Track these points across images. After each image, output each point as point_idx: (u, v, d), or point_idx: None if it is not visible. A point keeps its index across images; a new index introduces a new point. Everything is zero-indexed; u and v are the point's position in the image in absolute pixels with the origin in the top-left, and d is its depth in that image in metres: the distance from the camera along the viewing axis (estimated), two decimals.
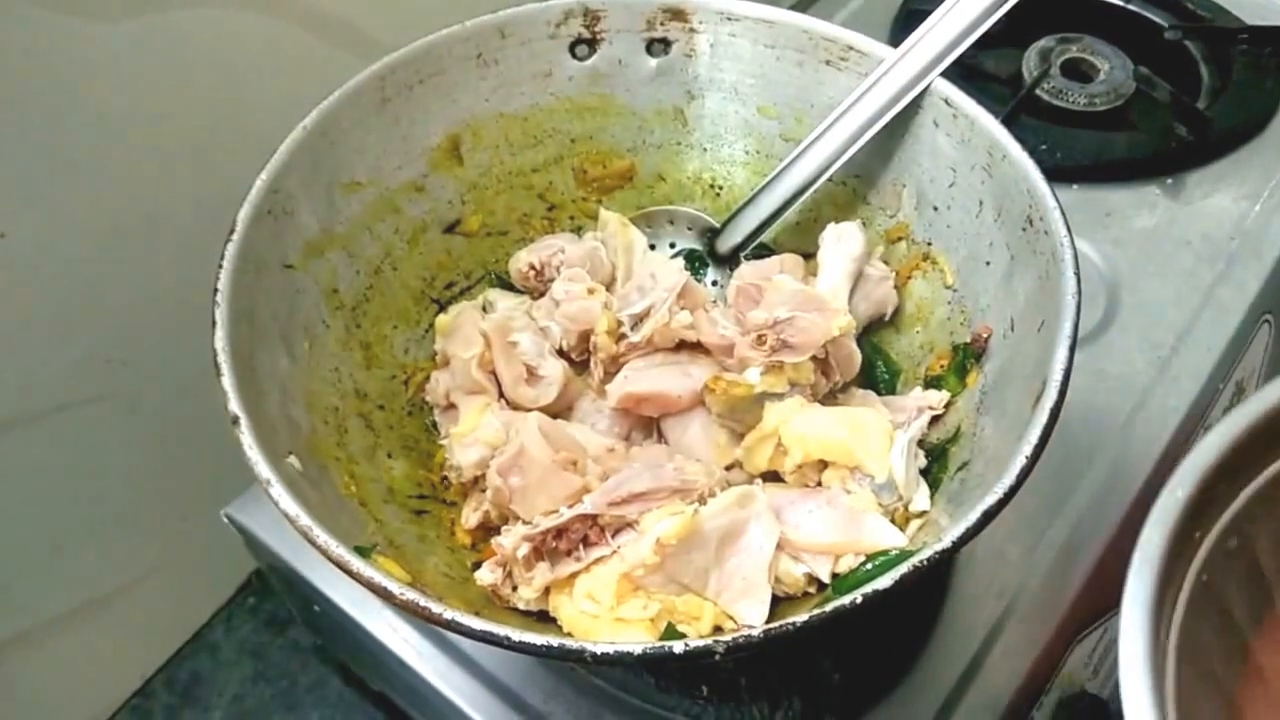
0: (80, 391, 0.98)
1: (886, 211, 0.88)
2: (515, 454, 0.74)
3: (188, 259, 0.78)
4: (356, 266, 0.83)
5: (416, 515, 0.77)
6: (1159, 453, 0.93)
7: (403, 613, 0.57)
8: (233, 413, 0.63)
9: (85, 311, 0.95)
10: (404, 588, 0.57)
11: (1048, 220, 0.70)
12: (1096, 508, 0.89)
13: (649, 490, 0.70)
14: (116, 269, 0.96)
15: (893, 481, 0.72)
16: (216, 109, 0.97)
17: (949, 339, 0.80)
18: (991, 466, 0.64)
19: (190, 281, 0.72)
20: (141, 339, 1.00)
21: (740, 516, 0.69)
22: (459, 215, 0.90)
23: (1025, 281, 0.72)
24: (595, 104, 0.93)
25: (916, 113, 0.83)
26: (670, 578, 0.67)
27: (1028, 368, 0.67)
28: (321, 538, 0.59)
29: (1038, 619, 0.83)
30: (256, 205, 0.73)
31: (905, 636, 0.82)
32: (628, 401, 0.78)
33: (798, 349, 0.76)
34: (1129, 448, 0.93)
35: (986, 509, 0.57)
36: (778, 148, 0.92)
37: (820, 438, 0.74)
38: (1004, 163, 0.76)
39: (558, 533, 0.69)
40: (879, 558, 0.66)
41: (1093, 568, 0.85)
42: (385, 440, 0.80)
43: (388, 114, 0.84)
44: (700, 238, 0.93)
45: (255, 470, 0.61)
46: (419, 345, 0.86)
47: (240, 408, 0.64)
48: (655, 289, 0.80)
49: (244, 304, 0.70)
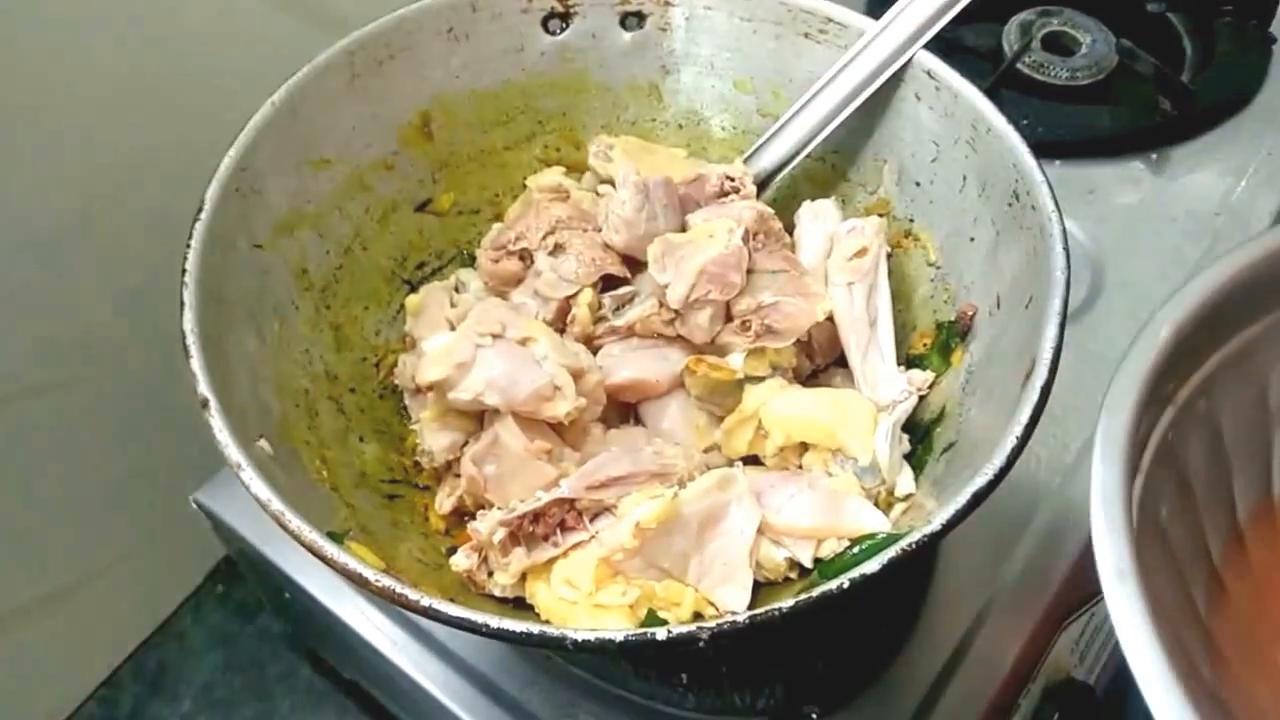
0: (41, 376, 0.97)
1: (866, 188, 0.87)
2: (490, 443, 0.74)
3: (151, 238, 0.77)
4: (326, 246, 0.82)
5: (389, 500, 0.76)
6: None
7: (377, 599, 0.56)
8: (202, 395, 0.62)
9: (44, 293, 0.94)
10: (379, 574, 0.57)
11: (1035, 195, 0.70)
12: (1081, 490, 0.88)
13: (627, 474, 0.70)
14: (76, 249, 0.94)
15: (876, 464, 0.71)
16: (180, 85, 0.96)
17: (932, 317, 0.80)
18: (980, 448, 0.63)
19: (154, 262, 0.72)
20: (103, 321, 0.99)
21: (720, 500, 0.69)
22: (430, 194, 0.89)
23: (1012, 258, 0.72)
24: (568, 80, 0.92)
25: (898, 86, 0.82)
26: (650, 562, 0.67)
27: (1015, 346, 0.67)
28: (294, 522, 0.58)
29: (1023, 605, 0.82)
30: (225, 183, 0.73)
31: (889, 623, 0.82)
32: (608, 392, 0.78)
33: (781, 334, 0.76)
34: None
35: (976, 491, 0.57)
36: (755, 123, 0.91)
37: (802, 420, 0.73)
38: (988, 136, 0.75)
39: (534, 517, 0.68)
40: (865, 542, 0.66)
41: (1078, 552, 0.85)
42: (357, 424, 0.79)
43: (357, 90, 0.83)
44: None
45: (225, 454, 0.61)
46: (390, 327, 0.85)
47: (210, 390, 0.63)
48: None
49: (213, 284, 0.69)
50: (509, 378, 0.73)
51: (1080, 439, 0.91)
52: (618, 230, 0.80)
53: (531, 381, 0.73)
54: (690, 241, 0.78)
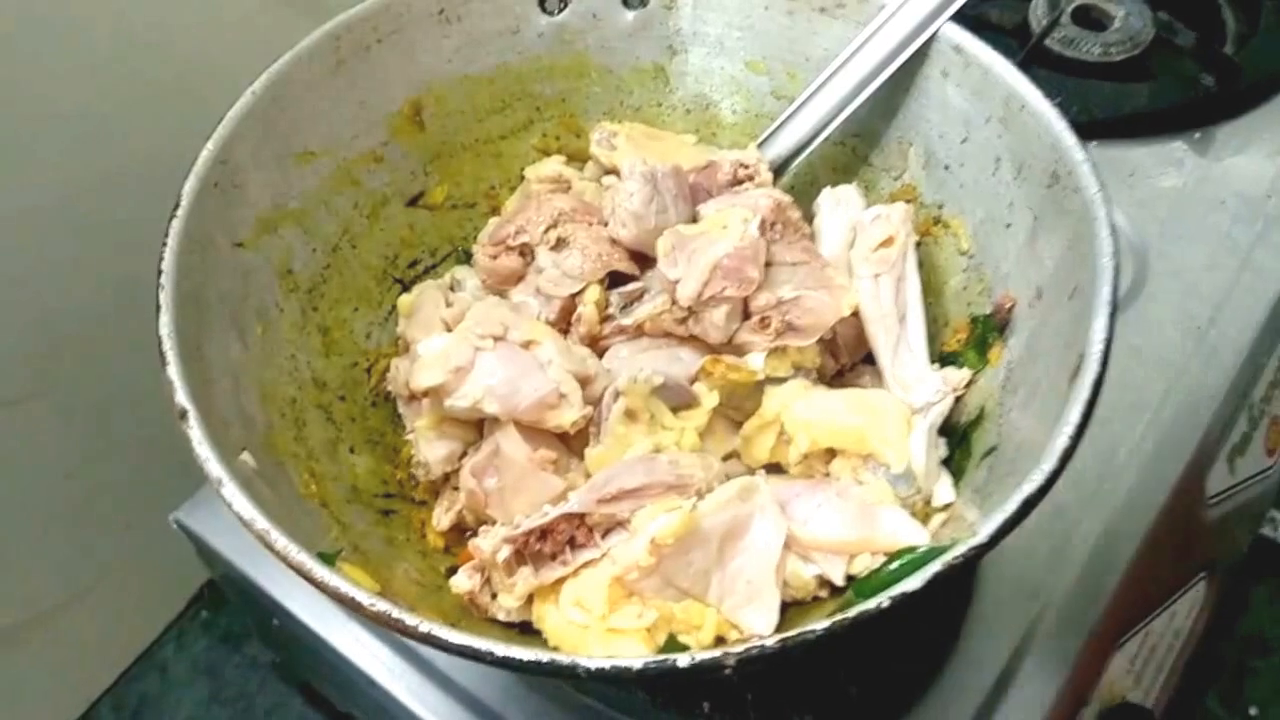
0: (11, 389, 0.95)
1: (891, 173, 0.85)
2: (491, 454, 0.72)
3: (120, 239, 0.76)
4: (313, 244, 0.80)
5: (383, 516, 0.75)
6: (1199, 436, 0.90)
7: (373, 625, 0.54)
8: (180, 405, 0.61)
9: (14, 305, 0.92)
10: (374, 598, 0.55)
11: (1076, 176, 0.68)
12: (1133, 496, 0.86)
13: (641, 486, 0.68)
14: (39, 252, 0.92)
15: (911, 471, 0.69)
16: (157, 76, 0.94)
17: (966, 310, 0.78)
18: (1025, 451, 0.61)
19: (124, 264, 0.70)
20: (71, 331, 0.97)
21: (743, 512, 0.67)
22: (422, 187, 0.88)
23: (1052, 244, 0.70)
24: (568, 63, 0.90)
25: (923, 63, 0.80)
26: (667, 582, 0.65)
27: (1060, 340, 0.65)
28: (280, 542, 0.56)
29: (1074, 623, 0.80)
30: (203, 178, 0.71)
31: (928, 645, 0.79)
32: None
33: (804, 331, 0.74)
34: (1165, 429, 0.90)
35: (1025, 498, 0.54)
36: (769, 106, 0.90)
37: (828, 424, 0.71)
38: (1023, 114, 0.73)
39: (541, 534, 0.66)
40: (904, 556, 0.63)
41: (1131, 564, 0.83)
42: (347, 434, 0.78)
43: (343, 77, 0.81)
44: None
45: (205, 469, 0.59)
46: (382, 329, 0.84)
47: (188, 400, 0.61)
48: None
49: (191, 286, 0.68)
50: (511, 384, 0.71)
51: (1129, 441, 0.89)
52: (625, 224, 0.78)
53: (535, 389, 0.71)
54: (703, 233, 0.76)
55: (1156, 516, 0.85)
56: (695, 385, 0.75)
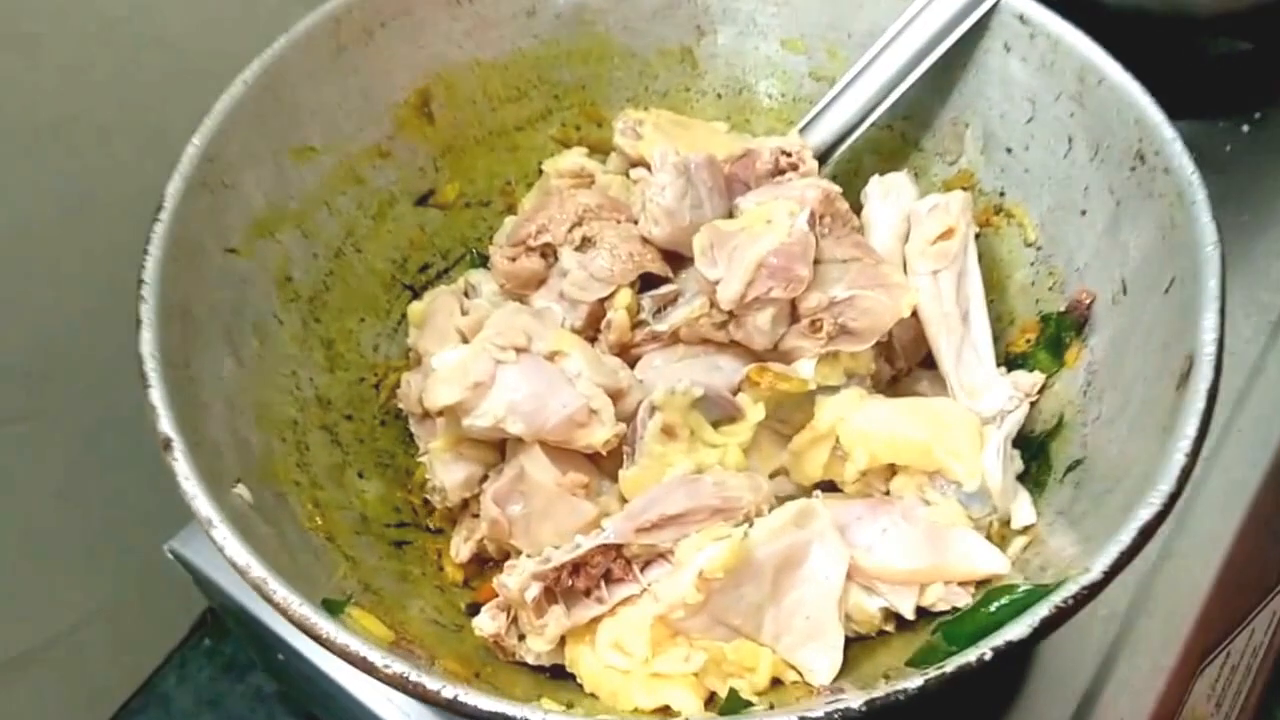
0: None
1: (945, 158, 0.79)
2: (514, 478, 0.66)
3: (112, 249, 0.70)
4: (314, 249, 0.75)
5: (396, 548, 0.69)
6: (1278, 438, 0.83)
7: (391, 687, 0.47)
8: (164, 434, 0.55)
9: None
10: (388, 656, 0.48)
11: (1166, 155, 0.62)
12: (1212, 506, 0.79)
13: (685, 511, 0.62)
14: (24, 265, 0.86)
15: (986, 489, 0.63)
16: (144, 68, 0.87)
17: (1035, 308, 0.72)
18: (1126, 468, 0.55)
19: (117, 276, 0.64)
20: (62, 347, 0.91)
21: (799, 539, 0.61)
22: (432, 184, 0.82)
23: (1139, 232, 0.64)
24: (588, 46, 0.85)
25: (982, 35, 0.74)
26: (716, 619, 0.59)
27: (1156, 338, 0.59)
28: (280, 593, 0.50)
29: (1157, 646, 0.73)
30: (189, 177, 0.65)
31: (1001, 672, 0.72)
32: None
33: (860, 335, 0.68)
34: (1242, 433, 0.83)
35: (1142, 526, 0.47)
36: (807, 89, 0.84)
37: (890, 437, 0.65)
38: (1100, 89, 0.67)
39: (574, 568, 0.61)
40: (1001, 596, 0.55)
41: (1215, 580, 0.75)
42: (355, 457, 0.72)
43: (344, 64, 0.75)
44: None
45: (193, 507, 0.53)
46: (391, 341, 0.78)
47: (174, 428, 0.55)
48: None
49: (177, 298, 0.62)
50: (536, 400, 0.65)
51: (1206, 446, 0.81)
52: (657, 221, 0.71)
53: (563, 405, 0.65)
54: (744, 229, 0.69)
55: (1239, 526, 0.78)
56: (738, 396, 0.68)
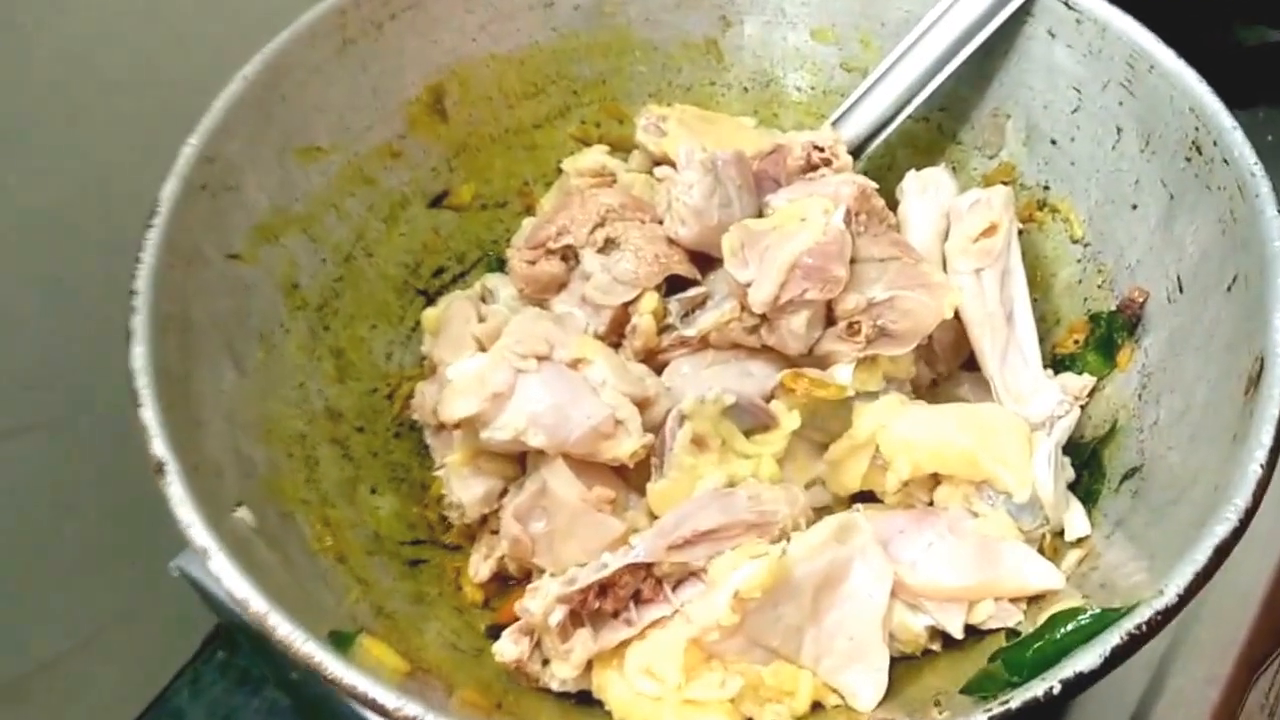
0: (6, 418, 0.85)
1: (985, 151, 0.77)
2: (536, 493, 0.64)
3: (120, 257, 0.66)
4: (321, 254, 0.73)
5: (411, 568, 0.66)
6: None
7: None
8: (156, 457, 0.52)
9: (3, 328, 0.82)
10: (401, 697, 0.45)
11: (1225, 145, 0.59)
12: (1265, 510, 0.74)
13: (718, 527, 0.59)
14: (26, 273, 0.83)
15: (1037, 499, 0.59)
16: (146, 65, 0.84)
17: (1083, 307, 0.69)
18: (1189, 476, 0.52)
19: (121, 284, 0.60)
20: (66, 357, 0.88)
21: (840, 556, 0.58)
22: (446, 185, 0.80)
23: (1196, 227, 0.61)
24: (608, 39, 0.83)
25: (1025, 22, 0.72)
26: (753, 641, 0.56)
27: (1219, 339, 0.56)
28: (284, 628, 0.47)
29: (1211, 656, 0.69)
30: (187, 179, 0.63)
31: None
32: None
33: (901, 338, 0.65)
34: None
35: (1218, 544, 0.43)
36: (838, 81, 0.82)
37: (934, 446, 0.62)
38: (1151, 76, 0.65)
39: (601, 589, 0.57)
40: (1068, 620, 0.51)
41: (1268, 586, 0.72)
42: (367, 472, 0.69)
43: (352, 59, 0.73)
44: None
45: (189, 535, 0.50)
46: (404, 349, 0.76)
47: (168, 448, 0.52)
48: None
49: (174, 307, 0.59)
50: (558, 411, 0.62)
51: None
52: (684, 221, 0.69)
53: (587, 416, 0.62)
54: (776, 228, 0.66)
55: None
56: (772, 404, 0.65)
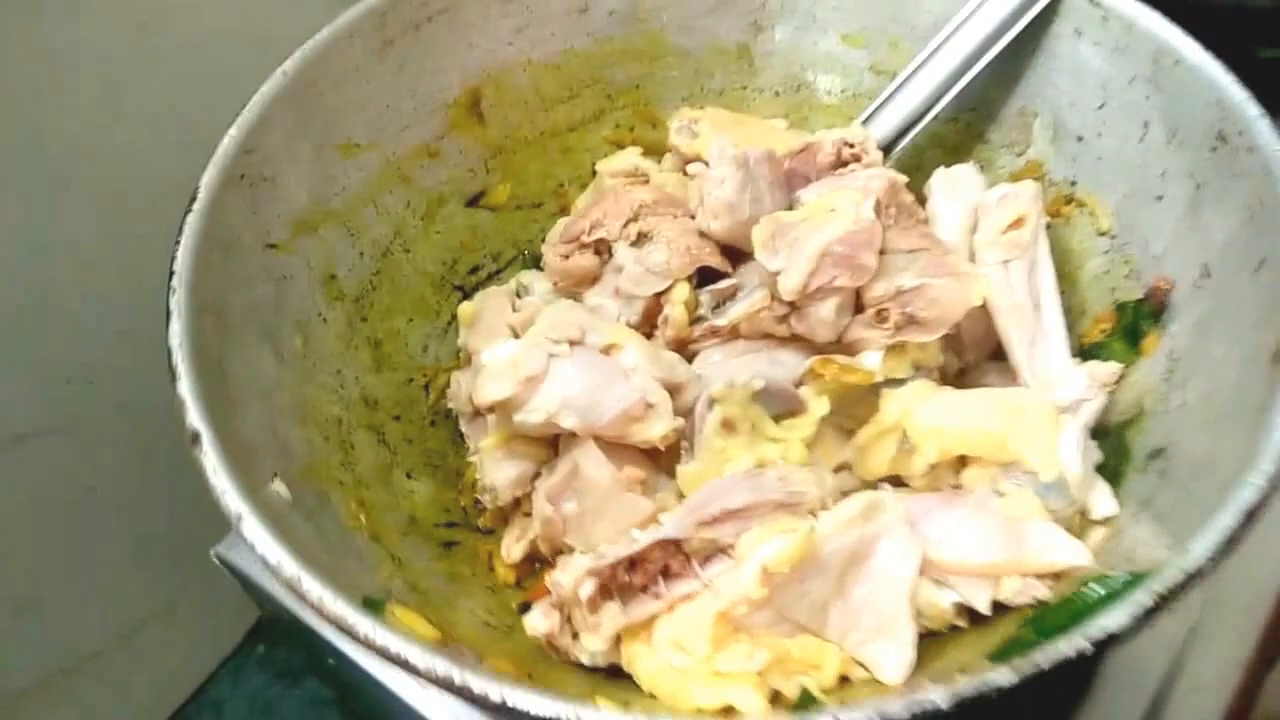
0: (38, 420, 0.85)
1: (1012, 149, 0.76)
2: (568, 474, 0.63)
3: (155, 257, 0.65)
4: (360, 248, 0.72)
5: (445, 549, 0.65)
6: None
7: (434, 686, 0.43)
8: (192, 428, 0.51)
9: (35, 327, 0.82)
10: (429, 654, 0.44)
11: (1250, 133, 0.58)
12: None
13: (747, 506, 0.58)
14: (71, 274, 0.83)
15: (1064, 479, 0.58)
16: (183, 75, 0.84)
17: (1110, 297, 0.68)
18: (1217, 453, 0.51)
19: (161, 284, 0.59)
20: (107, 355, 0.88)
21: (867, 533, 0.57)
22: (483, 185, 0.80)
23: (1222, 215, 0.60)
24: (642, 45, 0.82)
25: (1052, 21, 0.71)
26: (781, 615, 0.55)
27: (1247, 320, 0.55)
28: (314, 590, 0.46)
29: (1231, 642, 0.68)
30: (226, 169, 0.62)
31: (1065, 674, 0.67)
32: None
33: (929, 325, 0.64)
34: None
35: (1247, 508, 0.42)
36: (868, 84, 0.81)
37: (962, 429, 0.61)
38: (1176, 70, 0.64)
39: (631, 564, 0.57)
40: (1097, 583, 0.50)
41: None
42: (403, 457, 0.68)
43: (391, 59, 0.73)
44: None
45: (223, 502, 0.49)
46: (440, 342, 0.75)
47: (203, 420, 0.51)
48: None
49: (211, 292, 0.58)
50: (590, 395, 0.62)
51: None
52: (716, 215, 0.68)
53: (618, 399, 0.62)
54: (806, 219, 0.65)
55: None
56: (801, 390, 0.64)
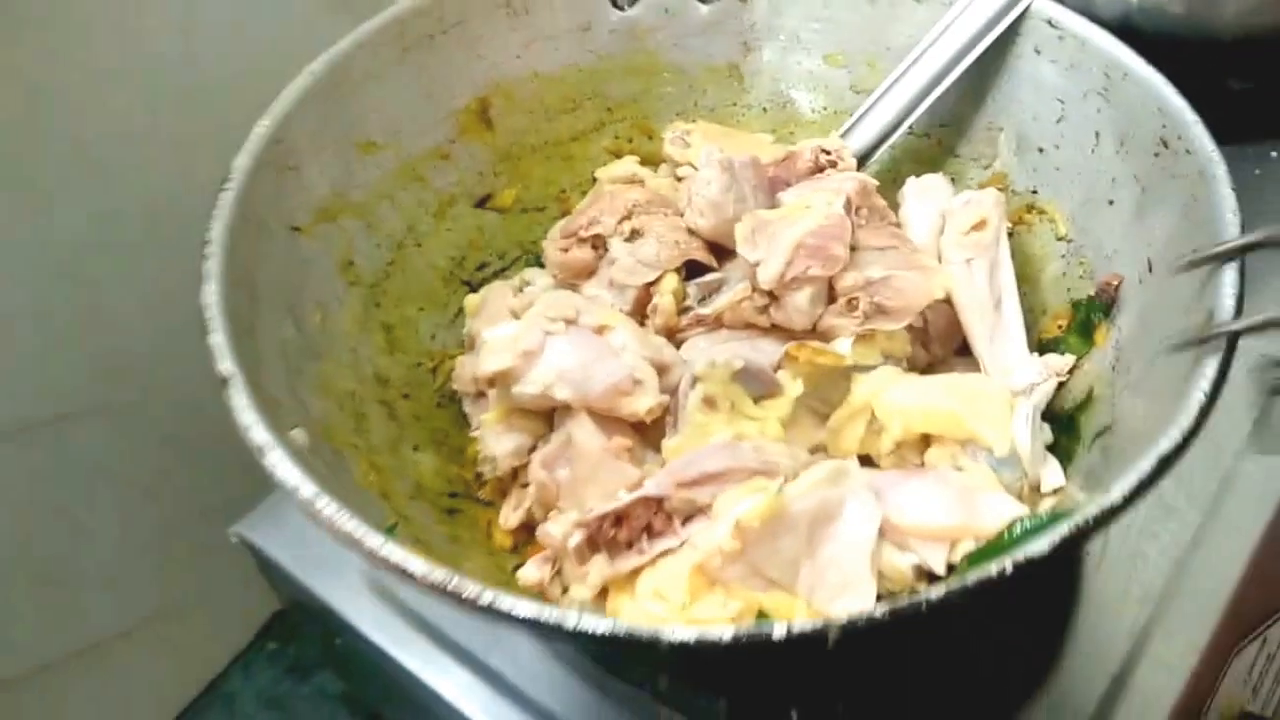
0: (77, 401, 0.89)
1: (980, 162, 0.79)
2: (562, 444, 0.65)
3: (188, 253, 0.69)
4: (376, 239, 0.74)
5: (448, 515, 0.68)
6: None
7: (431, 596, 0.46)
8: (222, 372, 0.53)
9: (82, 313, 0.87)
10: (429, 566, 0.47)
11: (1188, 138, 0.61)
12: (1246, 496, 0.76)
13: (724, 470, 0.61)
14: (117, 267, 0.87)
15: (1015, 454, 0.62)
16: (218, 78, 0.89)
17: (1066, 296, 0.71)
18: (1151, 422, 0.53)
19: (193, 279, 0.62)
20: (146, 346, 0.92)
21: (833, 496, 0.59)
22: (491, 188, 0.82)
23: (1163, 214, 0.63)
24: (639, 63, 0.85)
25: (1014, 41, 0.74)
26: (754, 570, 0.58)
27: (1180, 307, 0.58)
28: (328, 510, 0.49)
29: (1191, 626, 0.71)
30: (257, 155, 0.65)
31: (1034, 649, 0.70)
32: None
33: (895, 314, 0.68)
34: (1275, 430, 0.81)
35: (1161, 455, 0.47)
36: (849, 102, 0.83)
37: (924, 408, 0.64)
38: (1125, 83, 0.67)
39: (616, 519, 0.60)
40: (1025, 523, 0.55)
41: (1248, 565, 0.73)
42: (411, 432, 0.71)
43: (408, 68, 0.76)
44: None
45: (249, 437, 0.51)
46: (448, 331, 0.77)
47: (235, 365, 0.54)
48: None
49: (242, 266, 0.61)
50: (583, 369, 0.65)
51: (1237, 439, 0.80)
52: (703, 213, 0.72)
53: (609, 374, 0.65)
54: (784, 216, 0.69)
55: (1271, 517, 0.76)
56: (778, 374, 0.68)
